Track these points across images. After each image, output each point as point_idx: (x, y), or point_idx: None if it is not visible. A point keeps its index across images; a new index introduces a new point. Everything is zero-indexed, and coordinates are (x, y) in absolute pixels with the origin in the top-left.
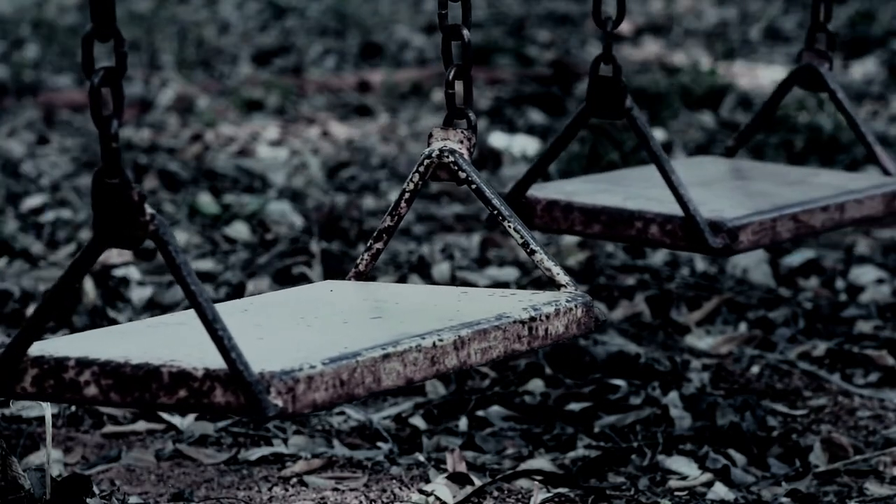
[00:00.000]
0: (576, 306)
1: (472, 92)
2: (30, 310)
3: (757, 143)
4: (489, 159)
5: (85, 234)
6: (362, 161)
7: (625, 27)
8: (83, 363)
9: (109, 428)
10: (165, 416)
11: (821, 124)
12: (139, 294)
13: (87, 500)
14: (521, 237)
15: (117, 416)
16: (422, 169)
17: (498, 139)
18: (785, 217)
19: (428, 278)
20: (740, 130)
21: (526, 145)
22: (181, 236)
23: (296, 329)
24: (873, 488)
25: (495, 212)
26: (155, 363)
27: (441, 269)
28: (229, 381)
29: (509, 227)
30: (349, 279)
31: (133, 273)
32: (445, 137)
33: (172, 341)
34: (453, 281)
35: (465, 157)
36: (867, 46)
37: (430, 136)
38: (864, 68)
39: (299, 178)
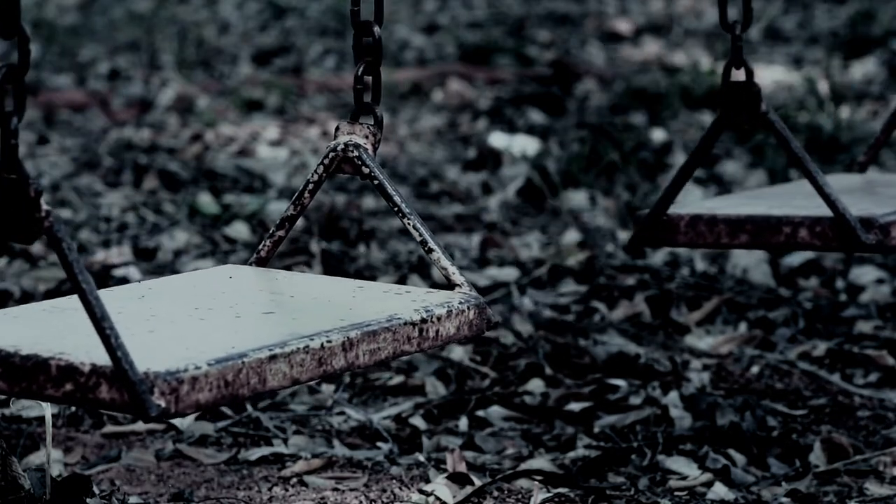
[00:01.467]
0: (468, 308)
1: (380, 88)
2: None
3: (757, 142)
4: (489, 159)
5: (85, 234)
6: None
7: (625, 27)
8: None
9: (109, 428)
10: None
11: (821, 124)
12: None
13: (87, 500)
14: (420, 235)
15: (117, 416)
16: (326, 161)
17: (498, 139)
18: None
19: (428, 278)
20: (870, 145)
21: (526, 145)
22: (181, 236)
23: (188, 321)
24: (873, 488)
25: (396, 208)
26: (44, 355)
27: None
28: (114, 378)
29: (409, 224)
30: (250, 264)
31: (133, 273)
32: (351, 132)
33: (66, 329)
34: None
35: (370, 152)
36: (867, 46)
37: (337, 129)
38: (864, 68)
39: (299, 178)
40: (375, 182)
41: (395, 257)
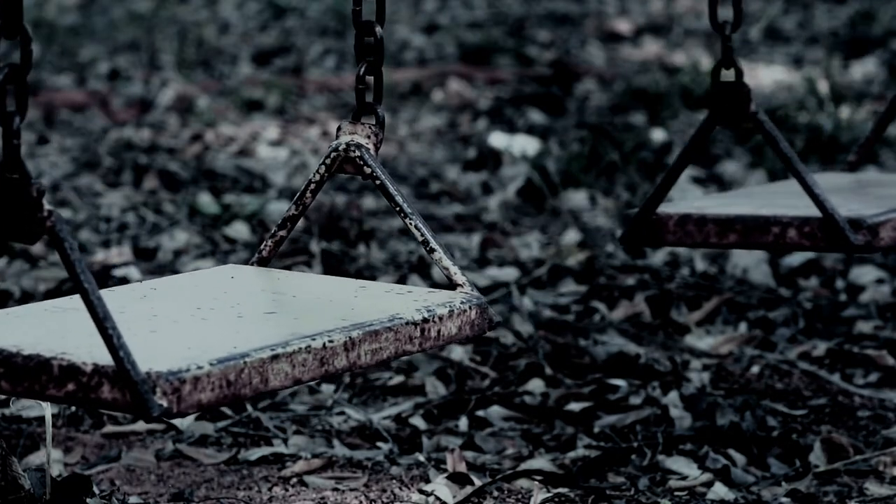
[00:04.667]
0: (470, 308)
1: (382, 88)
2: None
3: (757, 142)
4: (489, 159)
5: (85, 234)
6: None
7: (625, 27)
8: None
9: (109, 428)
10: None
11: (821, 124)
12: None
13: (87, 500)
14: (422, 235)
15: (117, 416)
16: (328, 161)
17: (498, 139)
18: None
19: (428, 278)
20: (860, 143)
21: (526, 145)
22: (181, 236)
23: (190, 322)
24: (873, 488)
25: (397, 208)
26: (46, 355)
27: None
28: (116, 378)
29: (410, 224)
30: (252, 265)
31: (133, 273)
32: (353, 132)
33: (68, 330)
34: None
35: (372, 152)
36: (867, 46)
37: (339, 129)
38: (864, 68)
39: (299, 178)
40: (377, 182)
41: (395, 257)
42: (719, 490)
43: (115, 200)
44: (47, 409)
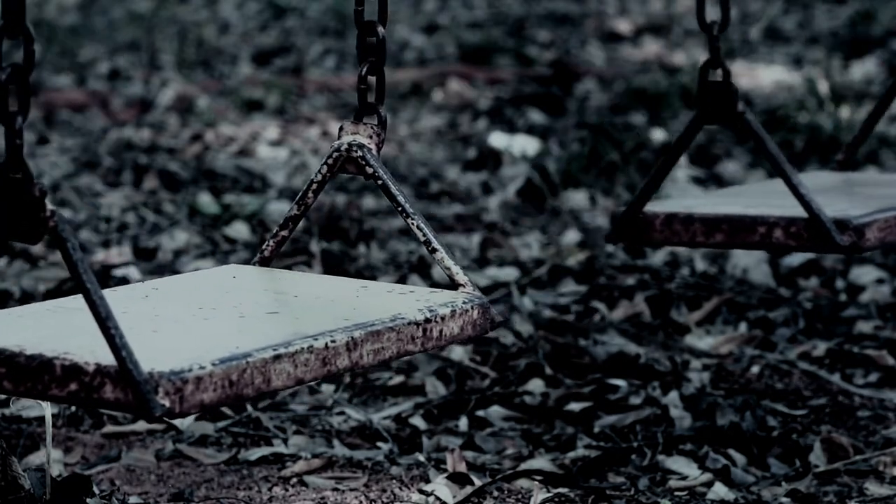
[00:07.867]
0: (472, 308)
1: (384, 88)
2: None
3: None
4: (489, 159)
5: (85, 234)
6: None
7: (625, 27)
8: None
9: (109, 428)
10: None
11: (821, 124)
12: None
13: (87, 500)
14: (424, 235)
15: (117, 416)
16: (330, 161)
17: (498, 139)
18: None
19: (428, 278)
20: (848, 144)
21: (526, 145)
22: (181, 236)
23: (192, 321)
24: (873, 488)
25: (399, 208)
26: (48, 355)
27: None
28: (119, 378)
29: (412, 224)
30: (254, 265)
31: (133, 273)
32: (355, 132)
33: (71, 329)
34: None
35: (374, 152)
36: (867, 46)
37: (341, 129)
38: (864, 68)
39: (299, 178)
40: (379, 182)
41: (396, 257)
42: (719, 490)
43: (115, 200)
44: (47, 409)
